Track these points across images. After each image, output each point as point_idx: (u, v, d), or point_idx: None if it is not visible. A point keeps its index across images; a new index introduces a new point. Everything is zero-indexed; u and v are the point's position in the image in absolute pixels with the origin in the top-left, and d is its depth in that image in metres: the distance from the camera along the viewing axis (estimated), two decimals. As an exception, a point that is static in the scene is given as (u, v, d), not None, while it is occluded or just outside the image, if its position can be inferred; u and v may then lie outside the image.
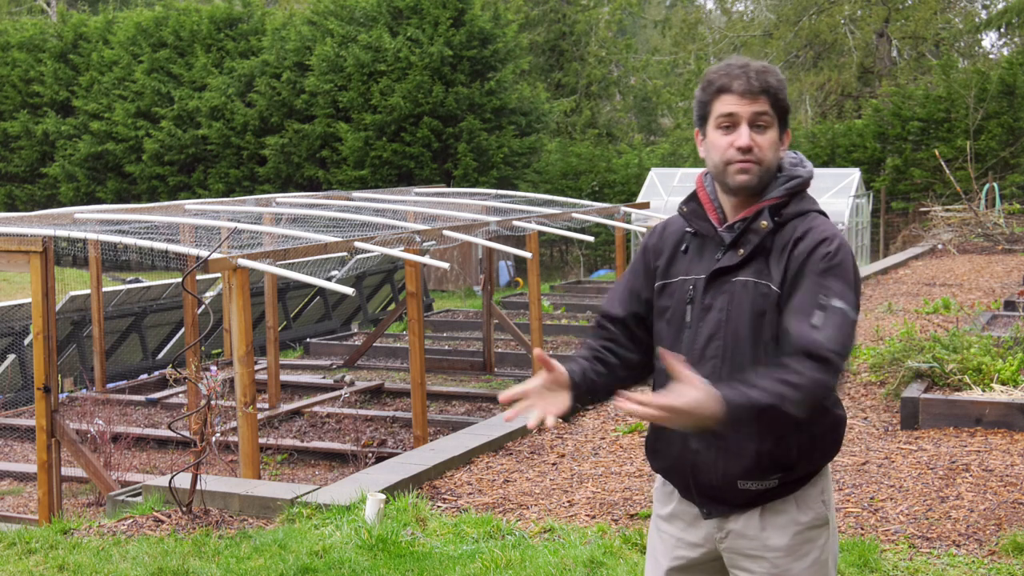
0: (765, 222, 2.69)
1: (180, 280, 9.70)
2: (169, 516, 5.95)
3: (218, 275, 11.25)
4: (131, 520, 5.97)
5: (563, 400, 2.68)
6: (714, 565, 2.84)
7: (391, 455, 8.38)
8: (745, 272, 2.70)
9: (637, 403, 2.43)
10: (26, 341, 11.66)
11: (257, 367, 10.85)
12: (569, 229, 12.00)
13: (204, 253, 7.09)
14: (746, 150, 2.66)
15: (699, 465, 2.73)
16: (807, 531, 2.75)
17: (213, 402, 6.00)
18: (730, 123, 2.68)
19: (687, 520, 2.84)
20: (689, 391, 2.44)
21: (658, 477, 2.95)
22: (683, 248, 2.79)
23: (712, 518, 2.78)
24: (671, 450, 2.78)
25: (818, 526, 2.77)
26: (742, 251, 2.70)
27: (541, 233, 11.39)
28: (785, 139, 2.77)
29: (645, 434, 2.94)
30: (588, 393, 2.74)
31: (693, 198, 2.81)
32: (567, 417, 2.69)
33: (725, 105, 2.67)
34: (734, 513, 2.75)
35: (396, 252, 8.86)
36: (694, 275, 2.75)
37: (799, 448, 2.70)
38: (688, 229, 2.80)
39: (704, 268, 2.75)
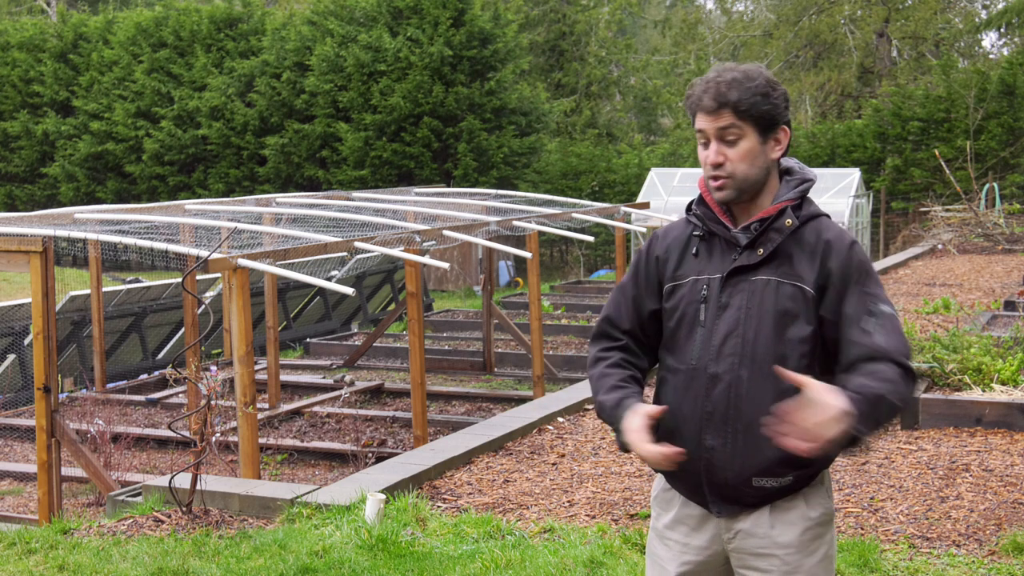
0: (790, 220, 2.72)
1: (180, 280, 9.70)
2: (169, 516, 5.94)
3: (218, 275, 11.25)
4: (131, 520, 5.97)
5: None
6: (722, 568, 2.84)
7: (391, 455, 8.38)
8: (765, 271, 2.71)
9: (809, 445, 2.45)
10: (26, 341, 11.66)
11: (257, 367, 10.86)
12: (569, 229, 11.99)
13: (204, 253, 7.09)
14: (716, 166, 2.71)
15: (714, 462, 2.71)
16: (817, 527, 2.76)
17: (213, 402, 6.00)
18: (705, 139, 2.74)
19: (691, 524, 2.83)
20: (827, 397, 2.46)
21: (657, 484, 2.94)
22: (693, 251, 2.80)
23: (722, 517, 2.77)
24: (683, 449, 2.76)
25: (826, 522, 2.78)
26: (761, 250, 2.72)
27: (541, 233, 11.39)
28: (774, 142, 2.74)
29: None
30: None
31: (701, 202, 2.82)
32: None
33: (699, 122, 2.73)
34: (744, 512, 2.75)
35: (396, 252, 8.86)
36: (707, 275, 2.76)
37: None
38: (696, 232, 2.81)
39: (717, 268, 2.75)
